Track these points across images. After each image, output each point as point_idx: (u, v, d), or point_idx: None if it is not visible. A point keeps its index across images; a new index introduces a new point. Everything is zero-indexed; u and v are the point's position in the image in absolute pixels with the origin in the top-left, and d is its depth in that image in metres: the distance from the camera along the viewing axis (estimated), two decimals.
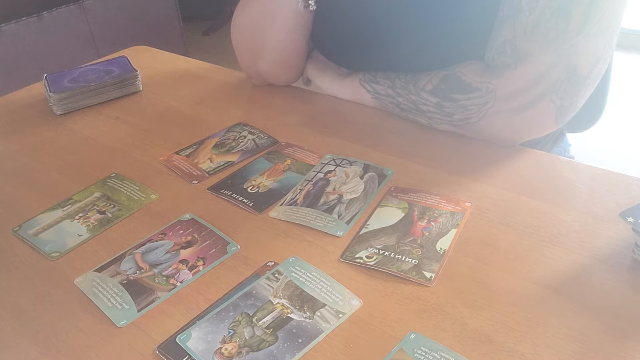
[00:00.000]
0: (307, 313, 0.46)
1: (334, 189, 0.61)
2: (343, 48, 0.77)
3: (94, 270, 0.52)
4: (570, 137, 0.86)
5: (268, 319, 0.45)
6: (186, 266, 0.52)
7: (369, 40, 0.73)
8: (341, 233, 0.54)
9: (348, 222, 0.56)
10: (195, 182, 0.64)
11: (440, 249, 0.51)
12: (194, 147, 0.71)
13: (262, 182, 0.63)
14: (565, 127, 0.82)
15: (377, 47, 0.73)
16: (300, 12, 0.74)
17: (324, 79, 0.81)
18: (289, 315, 0.46)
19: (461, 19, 0.65)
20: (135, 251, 0.54)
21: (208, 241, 0.55)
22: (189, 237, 0.55)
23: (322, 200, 0.59)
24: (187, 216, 0.58)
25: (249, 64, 0.83)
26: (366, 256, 0.51)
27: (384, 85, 0.72)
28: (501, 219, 0.54)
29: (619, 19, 0.59)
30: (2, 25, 1.83)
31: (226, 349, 0.43)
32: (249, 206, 0.59)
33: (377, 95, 0.74)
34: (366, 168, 0.64)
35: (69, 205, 0.61)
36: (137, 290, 0.49)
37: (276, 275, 0.50)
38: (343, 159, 0.66)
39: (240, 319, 0.45)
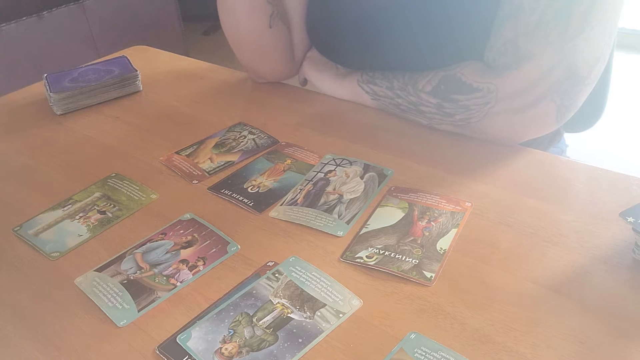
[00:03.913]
0: (307, 313, 0.46)
1: (334, 189, 0.61)
2: (341, 46, 0.77)
3: (94, 270, 0.52)
4: (568, 137, 0.86)
5: (268, 318, 0.45)
6: (186, 266, 0.52)
7: (368, 38, 0.73)
8: (341, 233, 0.54)
9: (348, 222, 0.56)
10: (195, 182, 0.64)
11: (441, 248, 0.51)
12: (194, 147, 0.71)
13: (263, 182, 0.63)
14: (562, 126, 0.82)
15: (376, 45, 0.73)
16: None
17: (323, 80, 0.81)
18: (289, 315, 0.46)
19: (460, 18, 0.65)
20: (135, 251, 0.54)
21: (208, 241, 0.55)
22: (189, 237, 0.55)
23: (322, 200, 0.59)
24: (187, 216, 0.58)
25: (240, 59, 0.83)
26: (366, 256, 0.51)
27: (382, 86, 0.72)
28: (501, 219, 0.54)
29: (617, 18, 0.59)
30: (2, 25, 1.83)
31: (226, 349, 0.43)
32: (249, 206, 0.59)
33: (376, 96, 0.74)
34: (366, 168, 0.64)
35: (69, 205, 0.62)
36: (137, 290, 0.49)
37: (276, 275, 0.50)
38: (343, 159, 0.66)
39: (240, 318, 0.46)
